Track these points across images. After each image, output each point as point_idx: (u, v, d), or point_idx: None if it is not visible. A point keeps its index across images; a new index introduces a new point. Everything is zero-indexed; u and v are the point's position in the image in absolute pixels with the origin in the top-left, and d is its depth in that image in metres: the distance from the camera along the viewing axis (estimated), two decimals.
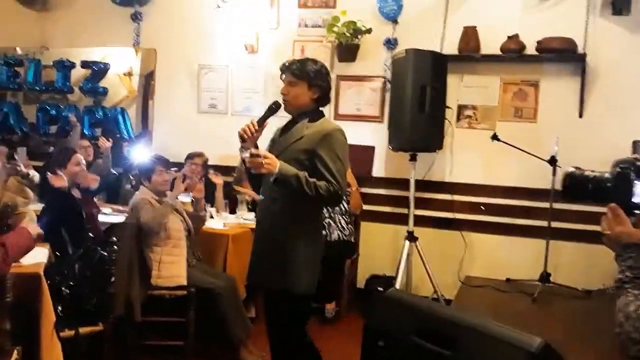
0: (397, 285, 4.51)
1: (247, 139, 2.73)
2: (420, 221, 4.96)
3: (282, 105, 2.82)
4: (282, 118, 2.89)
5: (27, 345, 2.80)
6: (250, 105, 5.68)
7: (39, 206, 4.28)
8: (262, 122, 2.77)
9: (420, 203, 5.00)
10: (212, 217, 4.65)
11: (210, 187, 5.00)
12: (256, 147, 2.74)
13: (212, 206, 4.75)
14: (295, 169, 2.63)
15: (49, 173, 3.92)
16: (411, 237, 4.67)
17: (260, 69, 5.61)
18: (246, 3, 5.65)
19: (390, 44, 5.28)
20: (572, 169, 3.89)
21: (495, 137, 4.48)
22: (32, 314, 2.84)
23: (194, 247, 4.10)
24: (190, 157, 5.12)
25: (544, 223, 4.49)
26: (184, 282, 3.81)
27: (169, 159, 4.33)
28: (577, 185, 1.92)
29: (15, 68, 6.44)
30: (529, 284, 4.42)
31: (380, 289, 4.82)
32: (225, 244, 4.21)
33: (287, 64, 2.83)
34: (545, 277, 4.31)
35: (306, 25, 5.53)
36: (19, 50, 6.46)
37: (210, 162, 5.22)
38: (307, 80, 2.76)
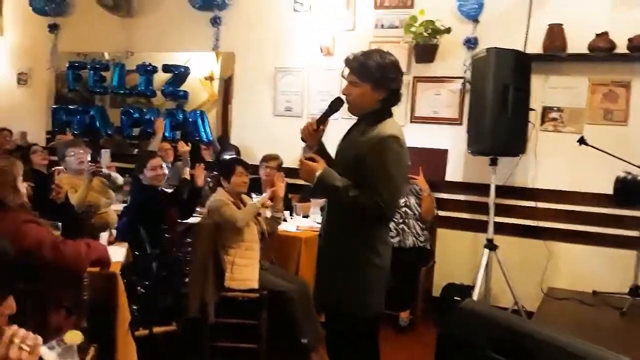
0: (475, 295, 4.33)
1: (308, 139, 2.59)
2: (501, 229, 4.76)
3: (345, 104, 2.57)
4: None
5: (103, 343, 2.86)
6: (325, 108, 5.63)
7: (120, 207, 4.43)
8: (322, 121, 2.57)
9: (501, 210, 4.79)
10: (285, 220, 4.63)
11: (286, 190, 5.00)
12: (320, 147, 2.61)
13: (286, 209, 4.74)
14: (340, 179, 2.41)
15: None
16: (491, 245, 4.48)
17: (336, 71, 5.54)
18: (323, 5, 5.63)
19: (471, 43, 5.10)
20: (623, 174, 3.60)
21: (582, 141, 4.21)
22: (108, 312, 2.90)
23: (268, 250, 4.10)
24: (265, 159, 5.14)
25: (635, 233, 4.19)
26: (256, 286, 3.80)
27: (247, 161, 4.35)
28: (628, 190, 1.76)
29: (102, 73, 6.71)
30: (618, 297, 4.11)
31: (457, 298, 4.65)
32: (298, 248, 4.18)
33: (350, 57, 2.49)
34: (635, 290, 3.99)
35: (382, 26, 5.44)
36: (106, 56, 6.73)
37: (285, 165, 5.22)
38: (371, 81, 2.42)
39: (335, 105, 2.56)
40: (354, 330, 2.50)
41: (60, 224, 3.04)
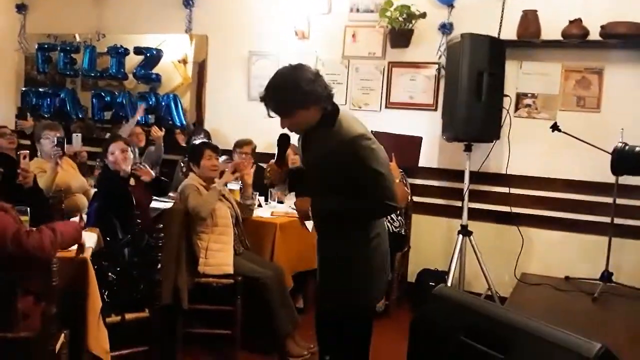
0: (450, 281, 4.36)
1: (277, 181, 2.65)
2: (475, 214, 4.80)
3: (291, 134, 2.55)
4: None
5: (74, 329, 2.82)
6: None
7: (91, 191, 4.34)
8: (280, 162, 2.59)
9: (475, 196, 4.82)
10: (260, 205, 4.60)
11: (259, 175, 4.95)
12: (290, 174, 2.64)
13: (260, 195, 4.70)
14: (328, 201, 2.42)
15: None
16: (465, 231, 4.51)
17: (311, 55, 5.50)
18: None
19: (446, 28, 5.10)
20: (620, 144, 3.77)
21: (555, 128, 4.25)
22: (79, 298, 2.85)
23: (242, 235, 4.07)
24: (239, 144, 5.09)
25: (607, 219, 4.25)
26: (231, 271, 3.78)
27: (218, 146, 4.30)
28: (624, 160, 1.79)
29: (72, 55, 6.57)
30: (590, 283, 4.19)
31: (431, 284, 4.68)
32: (273, 233, 4.15)
33: (262, 96, 2.44)
34: (607, 276, 4.07)
35: (358, 10, 5.40)
36: (77, 37, 6.58)
37: (259, 150, 5.18)
38: (296, 107, 2.35)
39: (283, 143, 2.57)
40: (354, 317, 2.53)
41: (28, 208, 2.98)
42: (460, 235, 4.50)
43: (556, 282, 4.30)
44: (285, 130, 2.50)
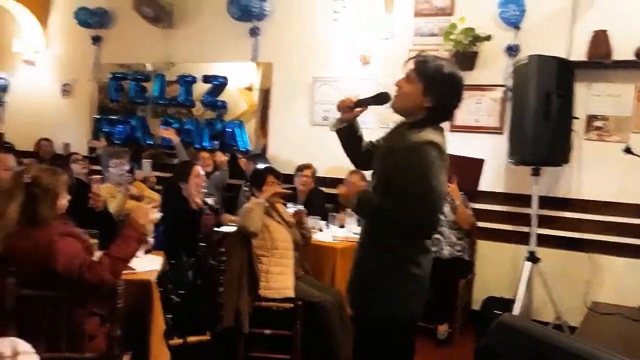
0: (517, 309, 4.21)
1: (342, 110, 2.48)
2: (543, 241, 4.62)
3: (391, 100, 2.38)
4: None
5: (137, 351, 2.87)
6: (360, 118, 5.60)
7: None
8: (361, 103, 2.43)
9: (544, 221, 4.65)
10: (321, 230, 4.60)
11: (319, 199, 4.97)
12: (351, 126, 2.50)
13: (322, 219, 4.71)
14: (375, 200, 2.28)
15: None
16: (533, 258, 4.36)
17: (371, 80, 5.51)
18: (361, 14, 5.59)
19: (512, 50, 5.00)
20: None
21: (628, 151, 4.06)
22: (143, 321, 2.91)
23: (302, 259, 4.07)
24: (299, 169, 5.13)
25: None
26: (292, 294, 3.78)
27: (280, 170, 4.34)
28: None
29: (143, 84, 6.82)
30: None
31: (497, 312, 4.53)
32: (334, 258, 4.14)
33: (417, 55, 2.33)
34: None
35: (422, 34, 5.38)
36: (147, 67, 6.84)
37: (320, 174, 5.20)
38: (425, 82, 2.24)
39: (380, 98, 2.40)
40: (389, 334, 2.36)
41: (98, 232, 3.08)
42: (528, 262, 4.35)
43: (630, 312, 4.05)
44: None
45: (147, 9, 6.37)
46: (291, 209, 4.27)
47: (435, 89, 2.24)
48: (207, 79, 6.44)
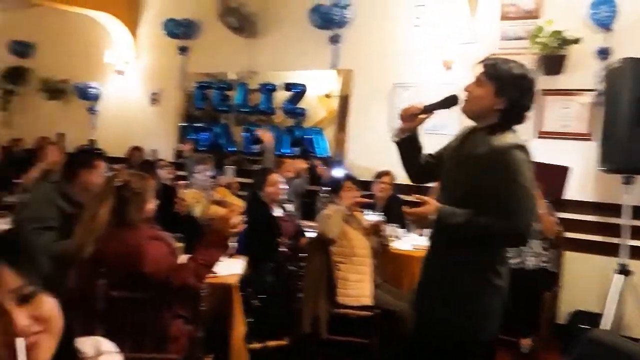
0: (606, 324, 3.99)
1: (405, 120, 2.38)
2: (636, 253, 4.37)
3: (461, 103, 2.31)
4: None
5: (218, 354, 2.93)
6: (443, 123, 5.50)
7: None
8: (428, 110, 2.34)
9: (636, 232, 4.40)
10: (399, 238, 4.55)
11: (397, 206, 4.91)
12: (412, 136, 2.41)
13: (400, 227, 4.65)
14: (459, 213, 2.15)
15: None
16: (624, 271, 4.12)
17: (454, 85, 5.39)
18: (444, 19, 5.52)
19: (603, 53, 4.77)
20: None
21: None
22: (224, 324, 2.97)
23: (381, 267, 4.03)
24: (378, 175, 5.10)
25: None
26: (370, 302, 3.75)
27: (358, 177, 4.33)
28: None
29: (226, 92, 7.00)
30: None
31: (584, 327, 4.32)
32: (412, 267, 4.07)
33: (486, 58, 2.30)
34: None
35: (508, 38, 5.24)
36: (231, 76, 7.02)
37: (399, 181, 5.14)
38: (497, 84, 2.19)
39: (448, 101, 2.34)
40: (468, 355, 2.28)
41: (183, 236, 3.18)
42: (618, 275, 4.12)
43: None
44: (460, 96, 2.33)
45: (231, 19, 6.54)
46: (369, 216, 4.25)
47: (508, 90, 2.19)
48: (287, 86, 6.54)
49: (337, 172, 5.08)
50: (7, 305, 0.98)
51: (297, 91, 6.47)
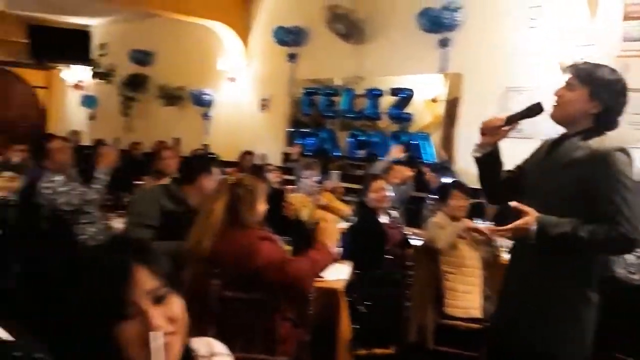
0: None
1: (487, 133, 2.26)
2: None
3: (549, 110, 2.18)
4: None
5: (323, 359, 2.92)
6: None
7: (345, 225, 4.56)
8: (513, 120, 2.21)
9: None
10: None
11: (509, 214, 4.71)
12: (494, 150, 2.28)
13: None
14: (561, 222, 2.00)
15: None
16: None
17: None
18: (562, 19, 5.25)
19: None
20: None
21: None
22: (330, 328, 2.96)
23: (491, 279, 3.88)
24: None
25: None
26: (479, 315, 3.61)
27: (468, 185, 4.20)
28: None
29: (332, 98, 7.06)
30: None
31: None
32: None
33: (575, 63, 2.23)
34: None
35: (632, 39, 4.90)
36: (337, 81, 7.07)
37: None
38: (590, 87, 2.08)
39: (533, 110, 2.20)
40: None
41: (291, 239, 3.21)
42: None
43: None
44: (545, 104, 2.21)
45: (339, 26, 6.59)
46: (479, 225, 4.10)
47: (602, 93, 2.09)
48: (394, 91, 6.48)
49: (445, 179, 4.96)
50: (144, 305, 1.01)
51: (404, 96, 6.40)
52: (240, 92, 8.16)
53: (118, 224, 4.33)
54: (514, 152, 2.47)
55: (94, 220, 3.95)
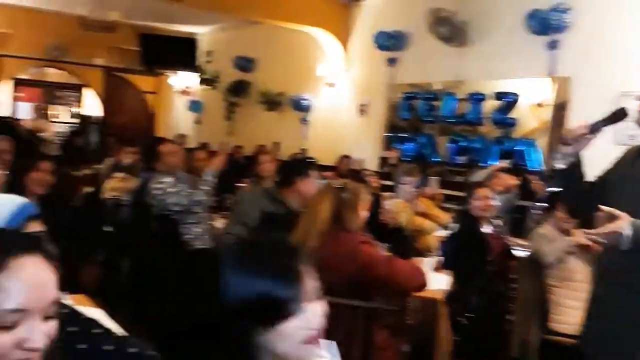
0: None
1: (570, 143, 2.16)
2: None
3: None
4: None
5: None
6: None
7: (444, 232, 4.46)
8: (596, 128, 2.13)
9: None
10: None
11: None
12: (576, 160, 2.17)
13: None
14: None
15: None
16: None
17: None
18: None
19: None
20: None
21: None
22: (429, 339, 2.91)
23: None
24: None
25: None
26: None
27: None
28: None
29: (432, 102, 6.94)
30: None
31: None
32: None
33: None
34: None
35: None
36: (436, 86, 6.94)
37: None
38: None
39: (617, 116, 2.12)
40: None
41: (390, 245, 3.18)
42: None
43: None
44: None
45: (442, 29, 6.48)
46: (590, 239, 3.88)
47: None
48: (498, 96, 6.28)
49: (553, 188, 4.73)
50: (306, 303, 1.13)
51: (509, 100, 6.18)
52: (338, 97, 8.21)
53: (221, 224, 4.48)
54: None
55: (200, 221, 4.11)
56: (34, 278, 0.99)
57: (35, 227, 1.51)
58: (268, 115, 9.30)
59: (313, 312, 1.10)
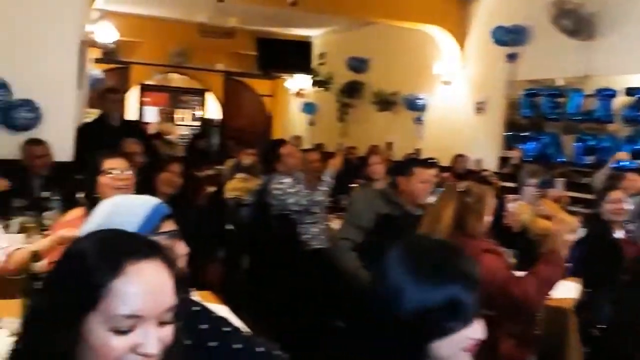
0: None
1: None
2: None
3: None
4: None
5: None
6: None
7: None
8: None
9: None
10: None
11: None
12: None
13: None
14: None
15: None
16: None
17: None
18: None
19: None
20: None
21: None
22: (558, 351, 2.75)
23: None
24: None
25: None
26: None
27: None
28: None
29: (557, 99, 6.58)
30: None
31: None
32: None
33: None
34: None
35: None
36: (559, 82, 6.58)
37: None
38: None
39: None
40: None
41: (515, 251, 3.04)
42: None
43: None
44: None
45: (566, 22, 6.13)
46: None
47: None
48: (628, 91, 5.85)
49: None
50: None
51: None
52: (454, 95, 8.02)
53: (336, 225, 4.51)
54: None
55: (317, 221, 4.17)
56: (150, 284, 0.98)
57: (170, 226, 1.57)
58: (381, 116, 9.27)
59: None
